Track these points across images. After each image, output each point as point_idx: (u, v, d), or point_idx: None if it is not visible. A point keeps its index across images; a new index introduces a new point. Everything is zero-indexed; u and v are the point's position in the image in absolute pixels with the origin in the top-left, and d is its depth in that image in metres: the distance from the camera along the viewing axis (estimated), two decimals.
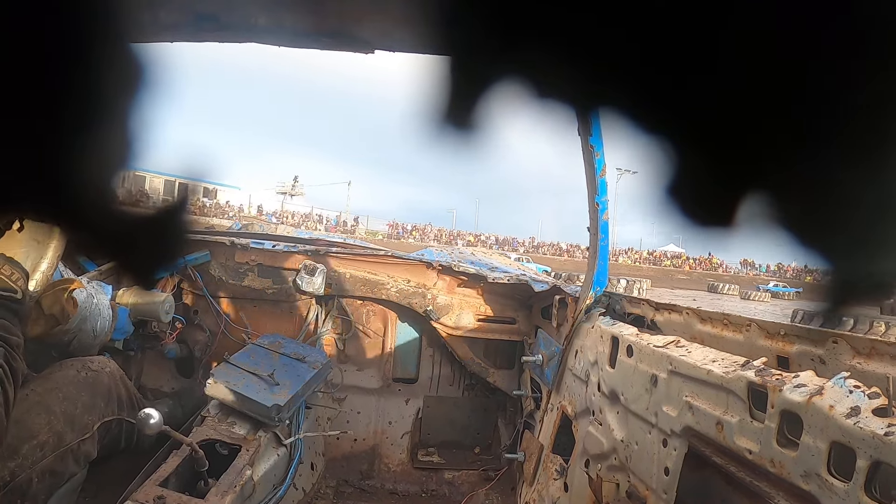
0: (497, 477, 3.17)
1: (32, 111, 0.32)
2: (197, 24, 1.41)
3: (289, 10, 1.41)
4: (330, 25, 1.44)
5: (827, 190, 0.33)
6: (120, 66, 0.34)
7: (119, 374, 2.12)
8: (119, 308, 2.35)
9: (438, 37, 0.32)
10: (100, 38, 0.33)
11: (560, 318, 2.73)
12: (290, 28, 1.48)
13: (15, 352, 1.47)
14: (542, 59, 0.32)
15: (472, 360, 3.31)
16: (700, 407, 1.49)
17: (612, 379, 2.02)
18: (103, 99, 0.34)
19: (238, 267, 3.11)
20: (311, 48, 1.56)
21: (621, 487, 1.87)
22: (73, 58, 0.32)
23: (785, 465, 1.17)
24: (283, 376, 2.45)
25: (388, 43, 1.51)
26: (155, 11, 1.34)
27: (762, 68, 0.31)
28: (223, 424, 2.19)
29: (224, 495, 1.82)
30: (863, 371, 1.22)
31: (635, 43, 0.31)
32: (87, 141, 0.34)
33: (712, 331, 1.76)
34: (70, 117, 0.33)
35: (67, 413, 1.79)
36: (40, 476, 1.64)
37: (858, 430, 1.01)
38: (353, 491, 3.06)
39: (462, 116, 0.33)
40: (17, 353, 1.48)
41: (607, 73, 0.32)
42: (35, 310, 1.84)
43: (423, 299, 3.20)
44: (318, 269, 3.02)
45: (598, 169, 2.25)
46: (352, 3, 1.36)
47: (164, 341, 2.79)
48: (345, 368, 3.40)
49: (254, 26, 1.43)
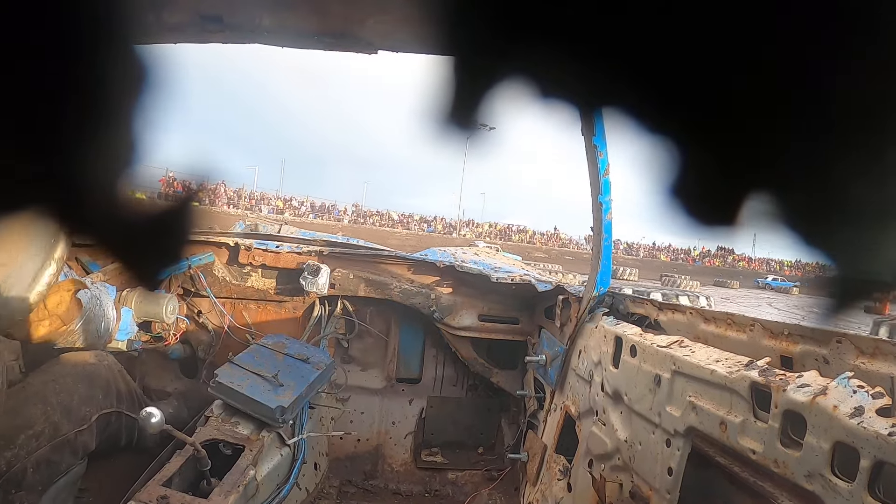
0: (500, 477, 3.17)
1: (38, 113, 0.33)
2: (201, 26, 1.41)
3: (293, 12, 1.41)
4: (333, 26, 1.44)
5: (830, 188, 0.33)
6: (124, 67, 0.34)
7: (118, 368, 2.13)
8: (123, 309, 2.36)
9: (441, 37, 0.32)
10: (104, 40, 0.33)
11: (563, 318, 2.73)
12: (293, 29, 1.48)
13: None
14: (546, 58, 0.32)
15: (475, 361, 3.30)
16: (703, 407, 1.49)
17: (615, 379, 2.02)
18: (108, 100, 0.34)
19: (241, 267, 3.12)
20: (314, 49, 1.56)
21: (624, 487, 1.86)
22: (77, 59, 0.33)
23: (788, 465, 1.17)
24: (286, 377, 2.45)
25: (391, 43, 1.52)
26: (159, 13, 1.35)
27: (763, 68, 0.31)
28: (227, 424, 2.19)
29: (227, 495, 1.83)
30: (867, 371, 1.22)
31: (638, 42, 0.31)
32: (92, 142, 0.34)
33: (716, 331, 1.75)
34: (74, 119, 0.33)
35: (64, 404, 1.79)
36: (36, 466, 1.64)
37: (862, 431, 1.00)
38: (356, 491, 3.06)
39: (466, 115, 0.33)
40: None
41: (611, 72, 0.32)
42: (40, 311, 1.85)
43: (426, 299, 3.20)
44: (321, 270, 3.03)
45: (602, 169, 2.25)
46: (355, 5, 1.36)
47: (167, 342, 2.80)
48: (348, 369, 3.40)
49: (258, 27, 1.43)
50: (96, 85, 0.34)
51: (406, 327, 3.49)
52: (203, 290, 3.04)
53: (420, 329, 3.50)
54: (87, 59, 0.33)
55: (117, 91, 0.35)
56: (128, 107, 0.35)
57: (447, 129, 0.34)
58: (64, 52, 0.32)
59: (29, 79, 0.31)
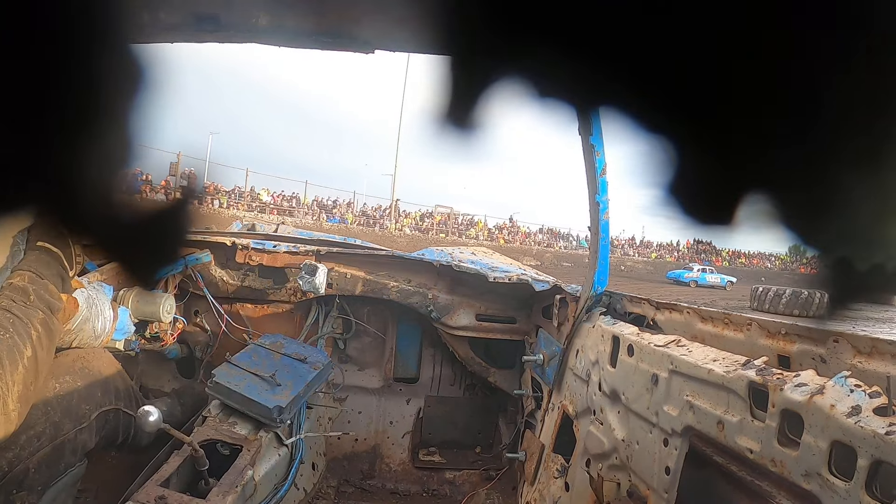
0: (498, 476, 3.17)
1: (33, 112, 0.33)
2: (197, 25, 1.41)
3: (289, 11, 1.41)
4: (330, 25, 1.44)
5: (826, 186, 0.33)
6: (120, 66, 0.34)
7: (116, 366, 2.13)
8: (120, 308, 2.35)
9: (438, 36, 0.32)
10: (100, 40, 0.33)
11: (561, 317, 2.73)
12: (290, 28, 1.48)
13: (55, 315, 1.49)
14: (543, 57, 0.32)
15: (472, 360, 3.30)
16: (701, 406, 1.49)
17: (612, 378, 2.02)
18: (103, 99, 0.34)
19: (239, 267, 3.11)
20: (311, 48, 1.56)
21: (622, 487, 1.87)
22: (73, 59, 0.32)
23: (786, 464, 1.17)
24: (284, 377, 2.45)
25: (389, 43, 1.51)
26: (155, 12, 1.34)
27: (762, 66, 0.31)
28: (224, 424, 2.19)
29: (225, 495, 1.82)
30: (864, 370, 1.22)
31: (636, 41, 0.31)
32: (88, 141, 0.34)
33: (713, 330, 1.75)
34: (70, 118, 0.33)
35: (64, 403, 1.79)
36: (37, 466, 1.64)
37: (859, 430, 1.01)
38: (354, 491, 3.06)
39: (463, 115, 0.33)
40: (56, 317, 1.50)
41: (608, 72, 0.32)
42: None
43: (423, 299, 3.20)
44: (319, 269, 3.02)
45: (599, 168, 2.25)
46: (352, 4, 1.36)
47: (165, 341, 2.79)
48: (346, 368, 3.40)
49: (254, 27, 1.42)
50: (92, 84, 0.33)
51: (403, 327, 3.49)
52: (200, 289, 3.03)
53: (417, 329, 3.50)
54: (83, 57, 0.33)
55: (113, 90, 0.35)
56: (124, 106, 0.35)
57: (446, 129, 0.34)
58: (59, 51, 0.31)
59: (23, 78, 0.31)
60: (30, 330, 1.42)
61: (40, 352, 1.43)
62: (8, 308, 1.42)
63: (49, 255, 1.57)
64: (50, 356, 1.49)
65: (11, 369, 1.35)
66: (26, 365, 1.39)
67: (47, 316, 1.48)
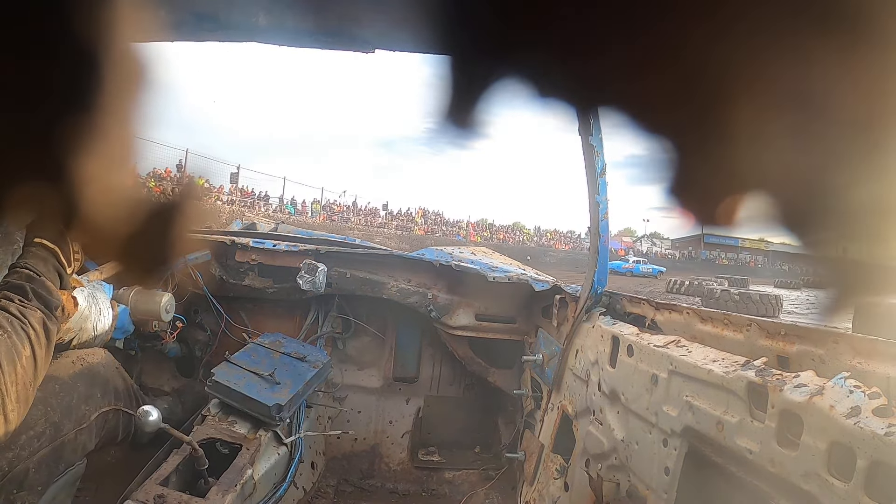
0: (497, 476, 3.17)
1: (34, 111, 0.33)
2: (197, 24, 1.41)
3: (289, 10, 1.41)
4: (330, 25, 1.44)
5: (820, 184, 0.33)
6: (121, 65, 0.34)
7: (116, 365, 2.12)
8: (119, 307, 2.35)
9: (438, 36, 0.32)
10: (101, 38, 0.33)
11: (560, 317, 2.73)
12: (290, 28, 1.48)
13: (53, 314, 1.48)
14: (543, 58, 0.32)
15: (472, 360, 3.30)
16: (700, 407, 1.49)
17: (612, 378, 2.02)
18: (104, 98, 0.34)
19: (239, 266, 3.11)
20: (311, 48, 1.56)
21: (621, 487, 1.87)
22: (74, 57, 0.32)
23: (785, 465, 1.17)
24: (283, 375, 2.45)
25: (389, 43, 1.51)
26: (155, 11, 1.34)
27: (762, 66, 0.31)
28: (224, 423, 2.19)
29: (225, 494, 1.83)
30: (863, 371, 1.22)
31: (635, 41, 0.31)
32: (89, 140, 0.34)
33: (713, 330, 1.76)
34: (71, 116, 0.33)
35: (64, 403, 1.78)
36: (37, 467, 1.64)
37: (859, 431, 1.01)
38: (353, 490, 3.06)
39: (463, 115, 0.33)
40: (55, 315, 1.50)
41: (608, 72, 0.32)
42: None
43: (423, 299, 3.19)
44: (318, 269, 3.02)
45: (599, 169, 2.25)
46: (352, 4, 1.36)
47: (164, 340, 2.79)
48: (345, 368, 3.40)
49: (254, 26, 1.42)
50: (93, 82, 0.33)
51: (403, 326, 3.49)
52: (200, 288, 3.03)
53: (417, 328, 3.49)
54: (84, 56, 0.33)
55: (114, 89, 0.34)
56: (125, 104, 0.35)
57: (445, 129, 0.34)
58: (59, 50, 0.31)
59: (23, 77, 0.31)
60: (28, 329, 1.41)
61: (39, 351, 1.43)
62: (5, 307, 1.41)
63: (47, 252, 1.56)
64: (49, 355, 1.48)
65: (9, 369, 1.34)
66: (24, 365, 1.38)
67: (46, 315, 1.47)
